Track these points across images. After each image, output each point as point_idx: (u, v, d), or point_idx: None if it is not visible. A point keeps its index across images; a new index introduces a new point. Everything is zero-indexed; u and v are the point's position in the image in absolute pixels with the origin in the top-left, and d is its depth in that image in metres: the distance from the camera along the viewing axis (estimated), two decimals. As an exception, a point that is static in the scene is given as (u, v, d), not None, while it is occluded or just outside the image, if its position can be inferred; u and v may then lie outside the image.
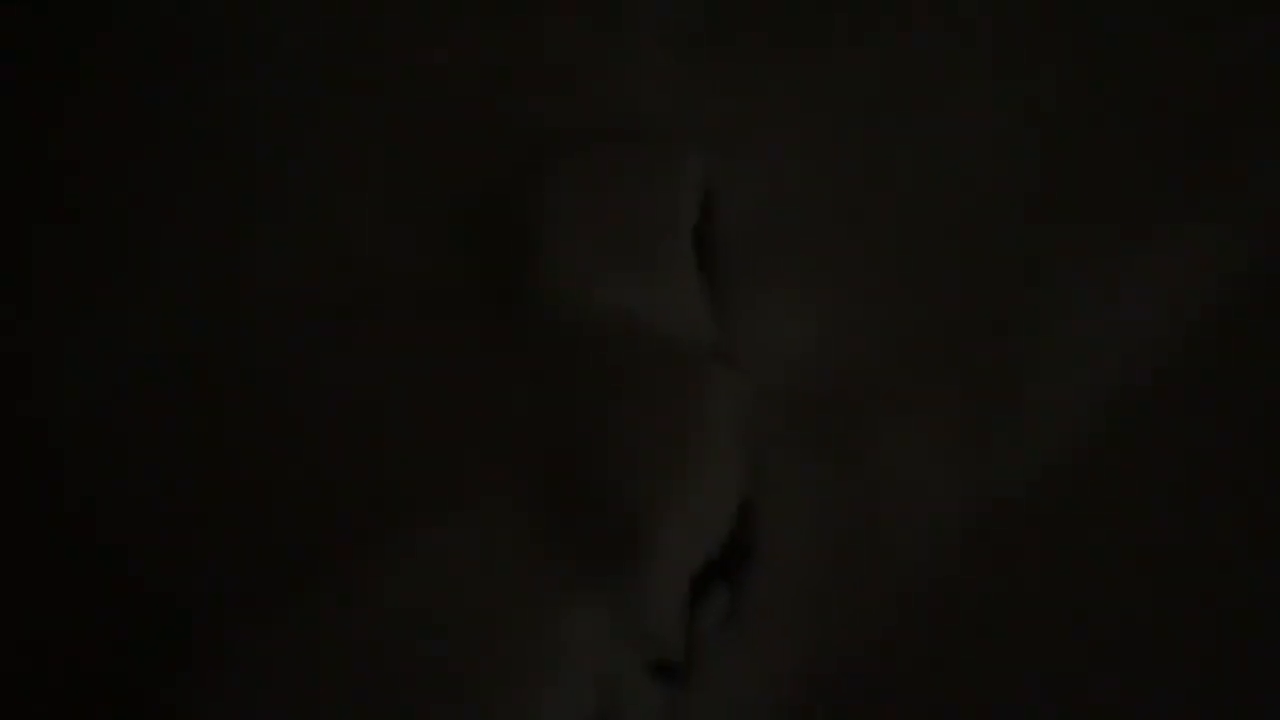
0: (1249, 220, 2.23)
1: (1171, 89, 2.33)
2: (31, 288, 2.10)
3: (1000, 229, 2.23)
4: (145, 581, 1.84)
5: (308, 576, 1.81)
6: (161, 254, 2.11)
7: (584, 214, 2.07)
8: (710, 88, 2.33)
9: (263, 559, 1.84)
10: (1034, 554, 1.98)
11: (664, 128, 2.26)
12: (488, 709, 1.74)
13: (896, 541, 2.00)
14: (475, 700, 1.74)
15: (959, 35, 2.41)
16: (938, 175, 2.28)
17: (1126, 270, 2.19)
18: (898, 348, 2.13)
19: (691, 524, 1.90)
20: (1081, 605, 1.95)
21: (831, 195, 2.26)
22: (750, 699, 1.92)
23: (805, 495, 2.02)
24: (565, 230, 2.06)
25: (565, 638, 1.79)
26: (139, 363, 2.02)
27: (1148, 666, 1.92)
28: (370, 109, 2.23)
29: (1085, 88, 2.35)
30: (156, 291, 2.07)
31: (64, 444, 1.96)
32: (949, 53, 2.39)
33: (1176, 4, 2.41)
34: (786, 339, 2.14)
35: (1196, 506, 2.01)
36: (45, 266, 2.12)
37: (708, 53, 2.37)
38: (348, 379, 1.97)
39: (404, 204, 2.14)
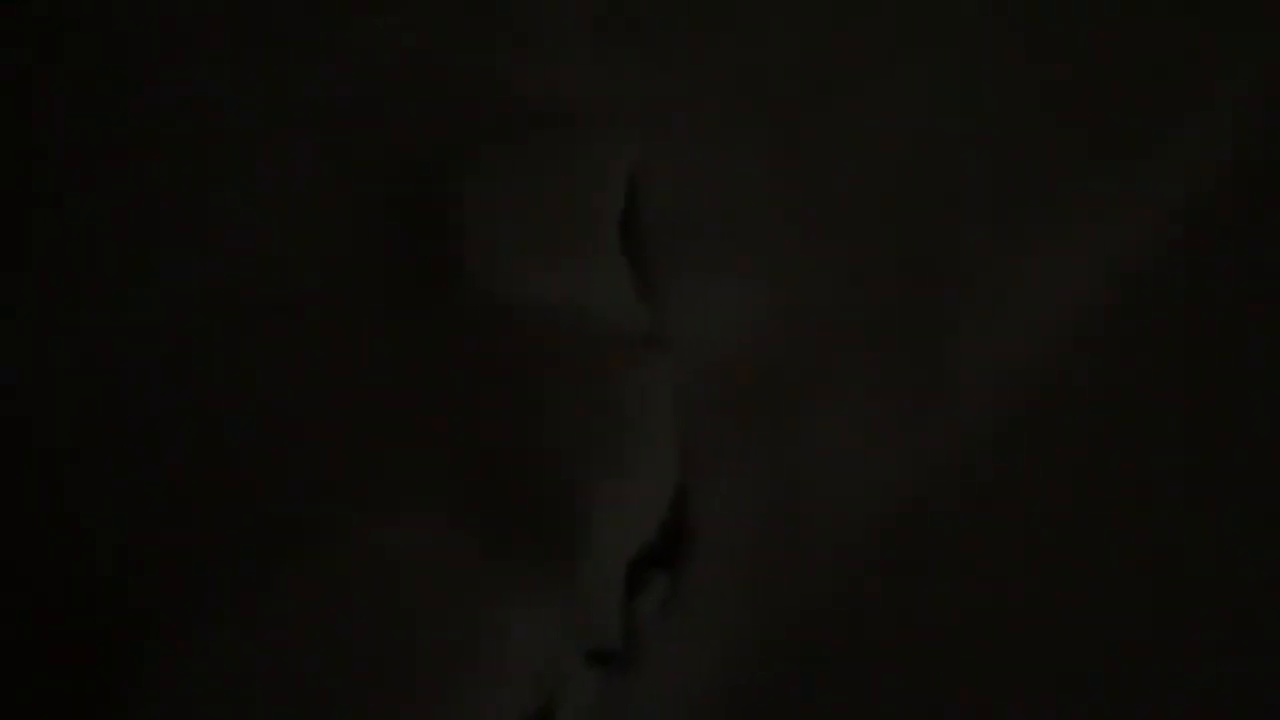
0: (1171, 201, 2.27)
1: (1100, 78, 2.34)
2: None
3: (926, 210, 2.26)
4: (101, 582, 1.86)
5: (248, 579, 1.83)
6: (130, 253, 2.17)
7: (508, 202, 2.06)
8: (633, 71, 2.33)
9: (211, 560, 1.86)
10: (965, 525, 2.00)
11: (586, 113, 2.24)
12: (429, 709, 1.76)
13: (832, 520, 2.01)
14: (416, 700, 1.76)
15: (894, 18, 2.37)
16: (864, 157, 2.30)
17: (1049, 252, 2.23)
18: (825, 327, 2.16)
19: (626, 510, 1.91)
20: (1019, 571, 1.93)
21: (756, 178, 2.27)
22: (692, 684, 1.95)
23: (739, 477, 2.04)
24: (490, 219, 2.04)
25: (504, 632, 1.80)
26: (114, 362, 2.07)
27: (1096, 640, 1.91)
28: (309, 102, 2.24)
29: (1017, 76, 2.36)
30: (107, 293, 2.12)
31: (43, 444, 2.03)
32: (881, 34, 2.37)
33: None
34: (715, 322, 2.15)
35: (1112, 481, 2.07)
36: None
37: (628, 37, 2.37)
38: (281, 379, 1.97)
39: (333, 198, 2.15)
